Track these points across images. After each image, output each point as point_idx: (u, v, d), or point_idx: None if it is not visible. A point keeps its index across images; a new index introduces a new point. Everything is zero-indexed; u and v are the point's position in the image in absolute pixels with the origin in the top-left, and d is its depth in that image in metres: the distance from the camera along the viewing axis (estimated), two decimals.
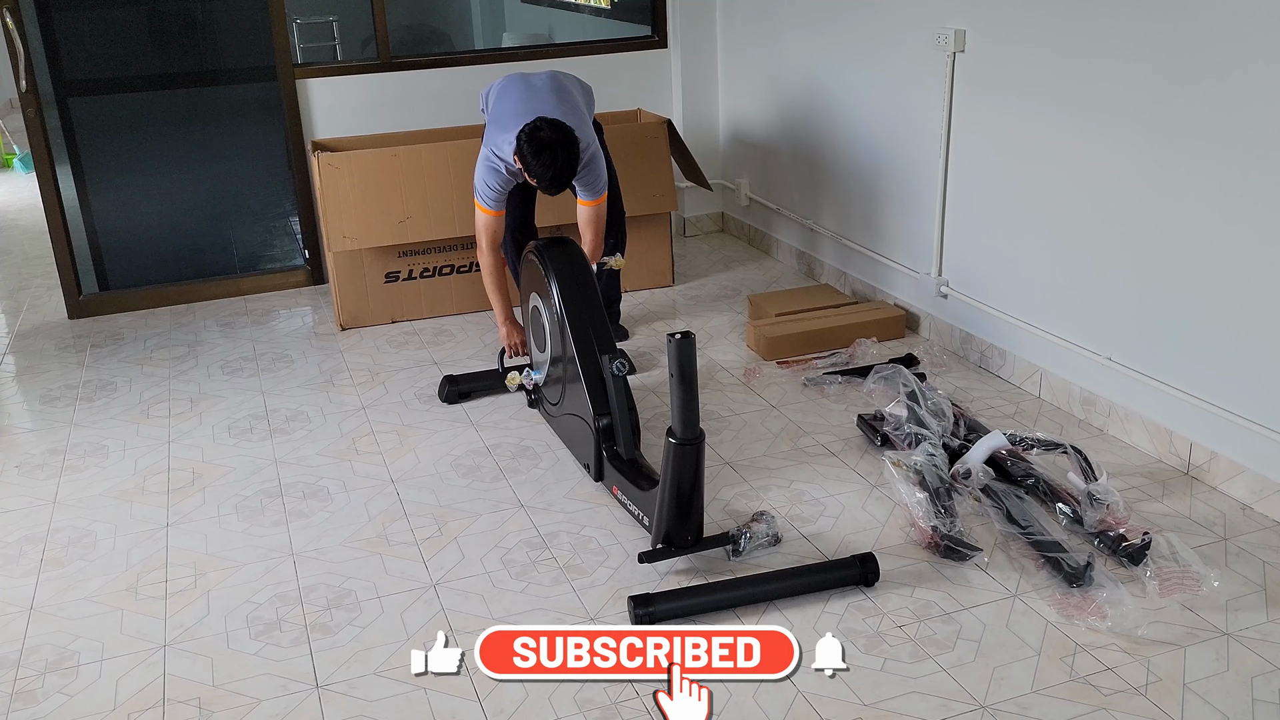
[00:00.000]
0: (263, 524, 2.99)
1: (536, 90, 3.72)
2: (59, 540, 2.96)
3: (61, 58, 4.61)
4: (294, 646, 2.46)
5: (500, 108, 3.69)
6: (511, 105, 3.65)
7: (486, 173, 3.63)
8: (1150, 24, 2.91)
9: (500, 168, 3.60)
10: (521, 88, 3.74)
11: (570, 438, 3.29)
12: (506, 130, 3.55)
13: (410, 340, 4.32)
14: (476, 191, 3.67)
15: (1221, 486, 2.93)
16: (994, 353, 3.74)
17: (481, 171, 3.64)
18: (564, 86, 3.80)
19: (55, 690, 2.35)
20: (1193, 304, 2.94)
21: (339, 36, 5.65)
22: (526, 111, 3.55)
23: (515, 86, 3.75)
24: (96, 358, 4.28)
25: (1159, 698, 2.19)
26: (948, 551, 2.66)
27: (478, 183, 3.66)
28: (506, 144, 3.54)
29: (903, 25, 3.92)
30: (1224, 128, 2.75)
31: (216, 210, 5.08)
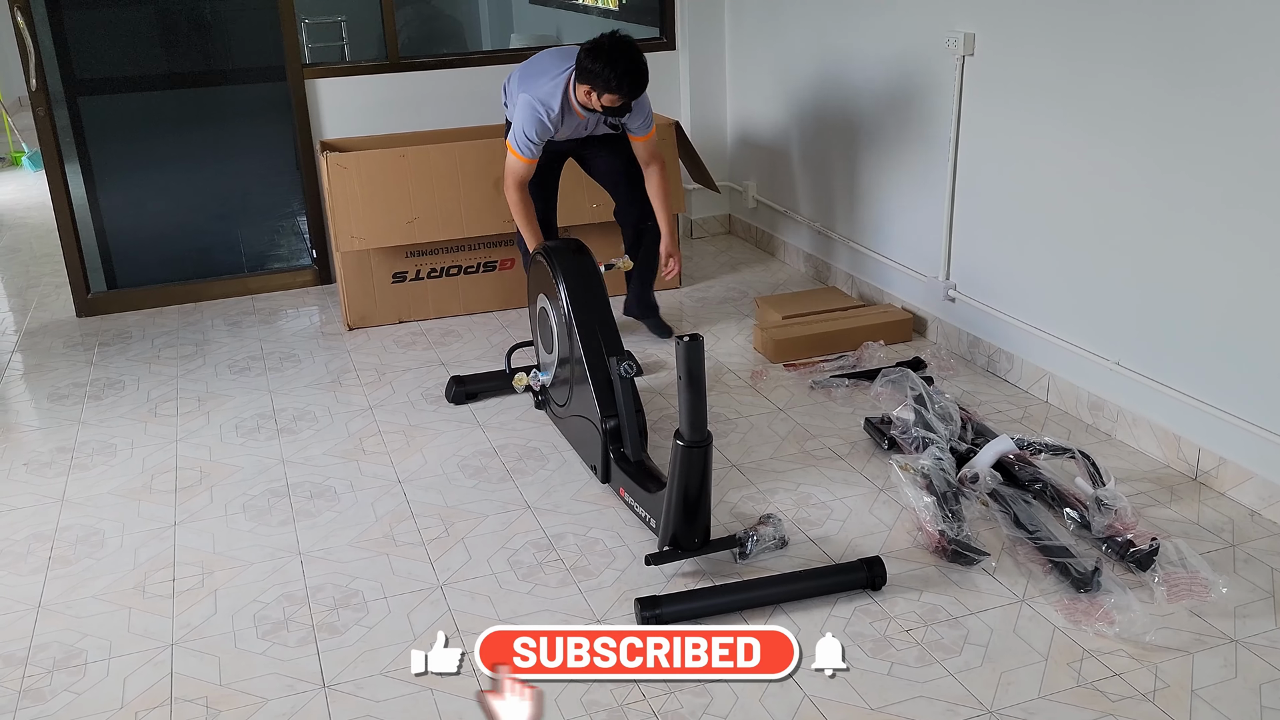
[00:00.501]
0: (270, 523, 3.00)
1: (561, 49, 3.83)
2: (67, 538, 2.96)
3: (71, 56, 4.62)
4: (301, 646, 2.47)
5: (531, 68, 3.76)
6: (542, 62, 3.74)
7: (528, 121, 3.61)
8: (1158, 29, 2.90)
9: (543, 115, 3.60)
10: (544, 53, 3.84)
11: (577, 439, 3.29)
12: (548, 73, 3.63)
13: (417, 340, 4.33)
14: (513, 138, 3.66)
15: (1230, 492, 2.92)
16: (1001, 356, 3.73)
17: (522, 119, 3.62)
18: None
19: (63, 688, 2.36)
20: (1201, 309, 2.93)
21: (348, 36, 5.66)
22: (562, 57, 3.66)
23: (535, 57, 3.83)
24: (104, 356, 4.29)
25: (1167, 704, 2.19)
26: (955, 556, 2.66)
27: (515, 130, 3.65)
28: (552, 85, 3.59)
29: (912, 28, 3.92)
30: (1232, 133, 2.74)
31: (225, 209, 5.10)
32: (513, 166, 3.70)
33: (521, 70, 3.81)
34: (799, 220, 4.94)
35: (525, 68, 3.80)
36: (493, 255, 4.55)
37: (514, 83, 3.81)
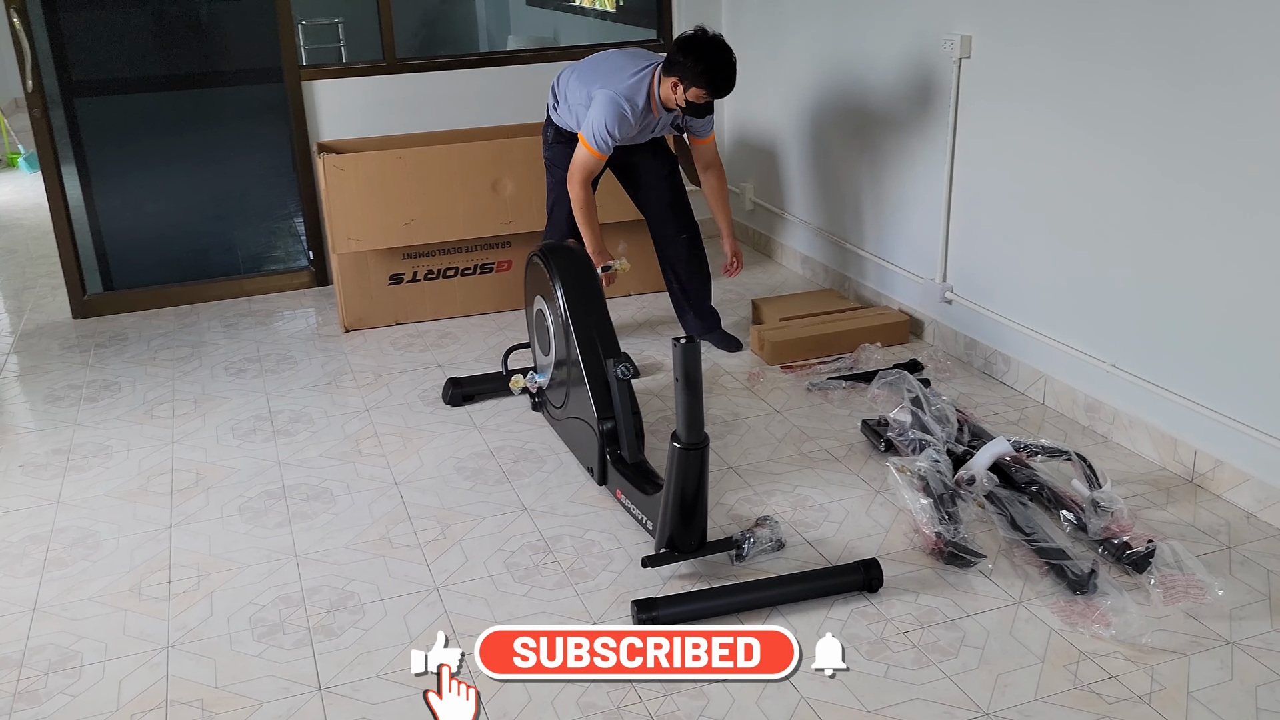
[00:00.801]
0: (266, 525, 2.99)
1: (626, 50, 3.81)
2: (62, 540, 2.96)
3: (68, 58, 4.61)
4: (297, 648, 2.46)
5: (600, 66, 3.71)
6: (612, 61, 3.70)
7: (609, 116, 3.55)
8: (1155, 31, 2.91)
9: (626, 110, 3.56)
10: (608, 53, 3.79)
11: (574, 441, 3.29)
12: (626, 70, 3.61)
13: (414, 342, 4.33)
14: (590, 132, 3.59)
15: (1226, 494, 2.92)
16: (998, 359, 3.74)
17: (604, 114, 3.55)
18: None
19: (58, 691, 2.35)
20: (1198, 311, 2.94)
21: (344, 38, 5.66)
22: (633, 57, 3.67)
23: (598, 56, 3.80)
24: (100, 358, 4.29)
25: (1163, 706, 2.19)
26: (951, 558, 2.66)
27: (595, 125, 3.58)
28: (636, 80, 3.57)
29: (909, 31, 3.92)
30: (1230, 135, 2.75)
31: (221, 211, 5.09)
32: (583, 160, 3.65)
33: (583, 69, 3.74)
34: (796, 222, 4.94)
35: (590, 67, 3.73)
36: (490, 257, 4.55)
37: (573, 82, 3.74)
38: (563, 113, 3.82)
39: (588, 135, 3.59)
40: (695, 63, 3.42)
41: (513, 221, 4.43)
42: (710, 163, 3.93)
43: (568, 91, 3.77)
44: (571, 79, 3.76)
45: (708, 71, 3.43)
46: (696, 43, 3.44)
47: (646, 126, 3.72)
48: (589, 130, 3.59)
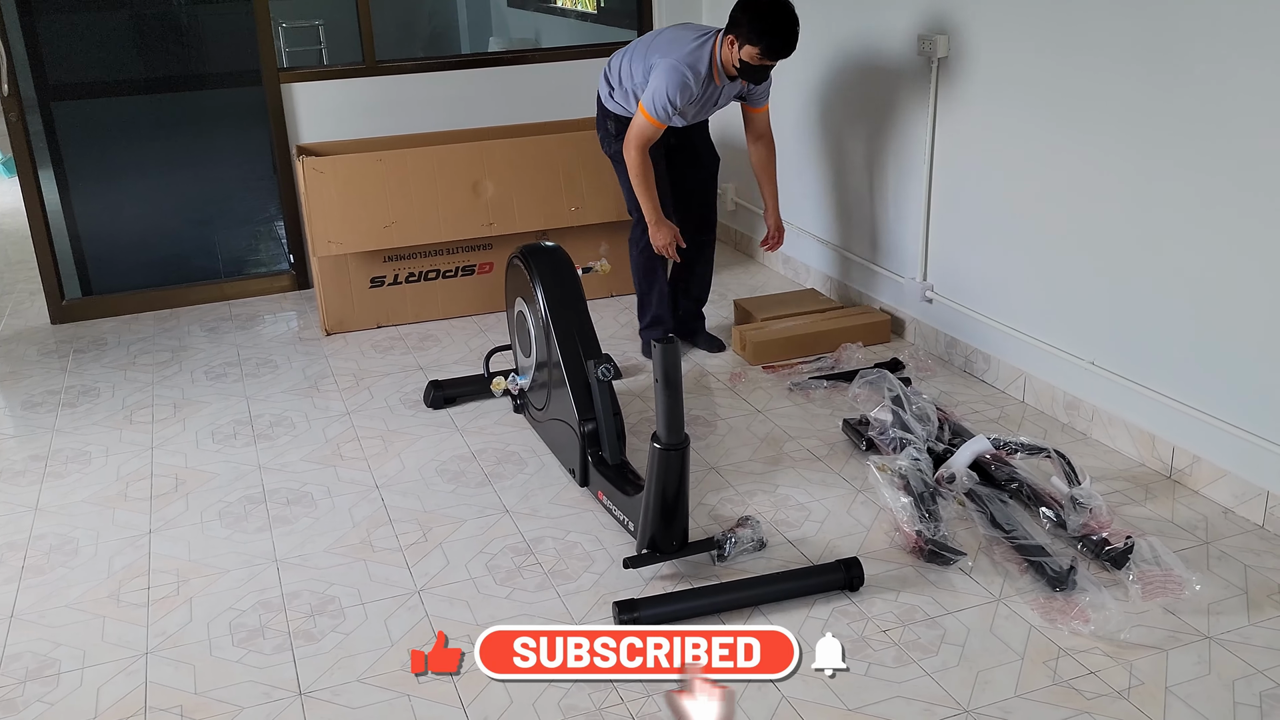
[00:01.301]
0: (246, 530, 2.98)
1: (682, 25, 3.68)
2: (40, 547, 2.94)
3: (44, 61, 4.59)
4: (277, 653, 2.45)
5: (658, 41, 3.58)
6: (670, 34, 3.59)
7: (671, 83, 3.43)
8: (1134, 30, 2.92)
9: (689, 77, 3.44)
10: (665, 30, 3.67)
11: (555, 443, 3.28)
12: (684, 42, 3.50)
13: (395, 345, 4.32)
14: (651, 100, 3.47)
15: (1204, 490, 2.94)
16: (978, 357, 3.75)
17: (665, 82, 3.43)
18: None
19: (35, 698, 2.34)
20: (1175, 309, 2.96)
21: (324, 40, 5.65)
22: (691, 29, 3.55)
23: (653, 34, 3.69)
24: (79, 363, 4.26)
25: (1141, 701, 2.20)
26: (932, 556, 2.67)
27: (656, 92, 3.46)
28: (697, 47, 3.46)
29: (887, 32, 3.94)
30: (1208, 133, 2.76)
31: (201, 215, 5.07)
32: (642, 128, 3.53)
33: (638, 48, 3.64)
34: None
35: (645, 43, 3.63)
36: (471, 259, 4.54)
37: (628, 61, 3.65)
38: (619, 97, 3.71)
39: (648, 103, 3.48)
40: (752, 20, 3.31)
41: (494, 224, 4.43)
42: (762, 133, 3.85)
43: (622, 72, 3.67)
44: (625, 59, 3.67)
45: (765, 31, 3.31)
46: (755, 3, 3.33)
47: (709, 97, 3.60)
48: (649, 98, 3.48)
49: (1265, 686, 2.23)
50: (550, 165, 4.47)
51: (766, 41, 3.32)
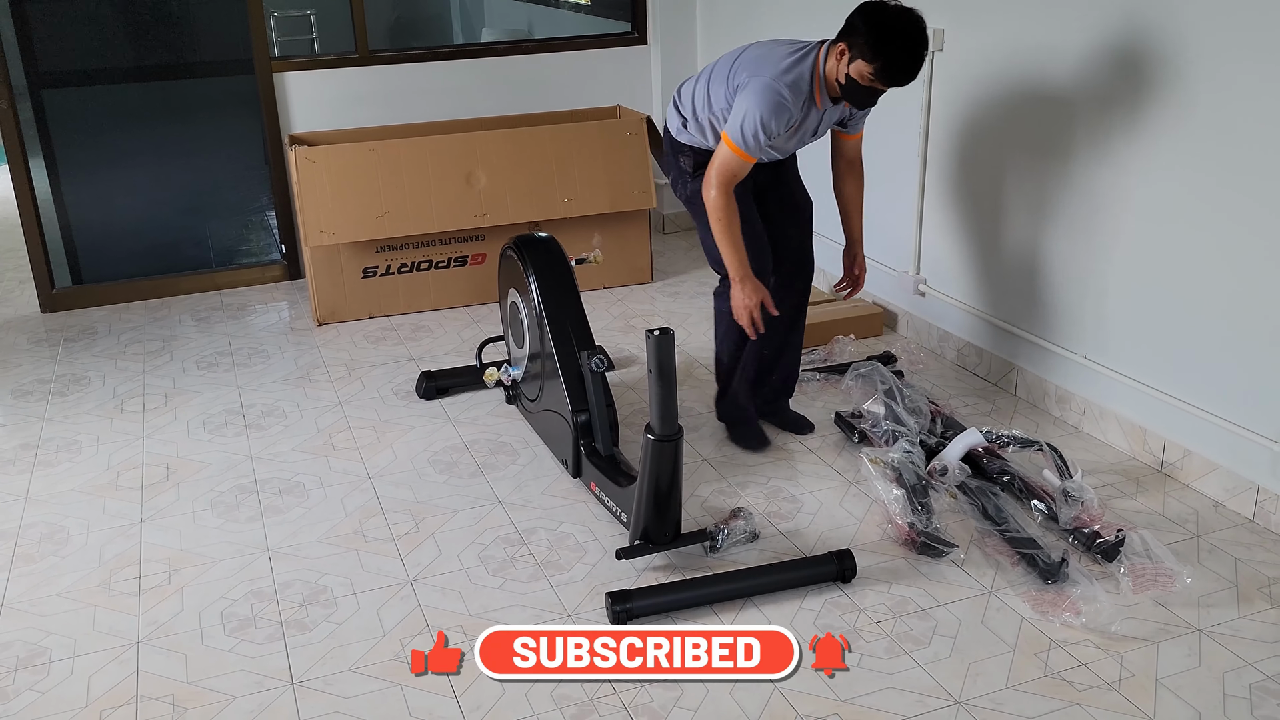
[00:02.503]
0: (238, 520, 2.97)
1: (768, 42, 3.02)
2: (31, 536, 2.93)
3: (35, 49, 4.56)
4: (269, 643, 2.45)
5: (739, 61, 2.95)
6: (755, 51, 2.96)
7: (765, 106, 2.80)
8: (1126, 24, 2.93)
9: (786, 99, 2.81)
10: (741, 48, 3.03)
11: (548, 434, 3.28)
12: (778, 55, 2.88)
13: (388, 336, 4.31)
14: (738, 128, 2.83)
15: (1194, 484, 2.95)
16: (970, 350, 3.76)
17: (756, 104, 2.80)
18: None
19: (26, 687, 2.33)
20: (1167, 302, 2.96)
21: (317, 29, 5.62)
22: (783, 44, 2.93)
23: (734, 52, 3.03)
24: (69, 352, 4.24)
25: (1132, 693, 2.21)
26: (924, 548, 2.67)
27: (745, 118, 2.82)
28: (796, 63, 2.85)
29: None
30: (1202, 124, 2.77)
31: (192, 204, 5.05)
32: (726, 162, 2.88)
33: (717, 69, 3.01)
34: None
35: (725, 63, 3.00)
36: (463, 250, 4.53)
37: (705, 85, 3.03)
38: (695, 129, 3.08)
39: (734, 132, 2.85)
40: (872, 30, 2.71)
41: (486, 214, 4.42)
42: (853, 160, 3.25)
43: (697, 99, 3.05)
44: (702, 83, 3.06)
45: (887, 48, 2.71)
46: (881, 10, 2.74)
47: (808, 124, 2.98)
48: (736, 126, 2.84)
49: (1255, 679, 2.24)
50: (543, 156, 4.46)
51: (885, 61, 2.73)
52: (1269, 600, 2.48)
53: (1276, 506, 2.73)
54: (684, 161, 3.14)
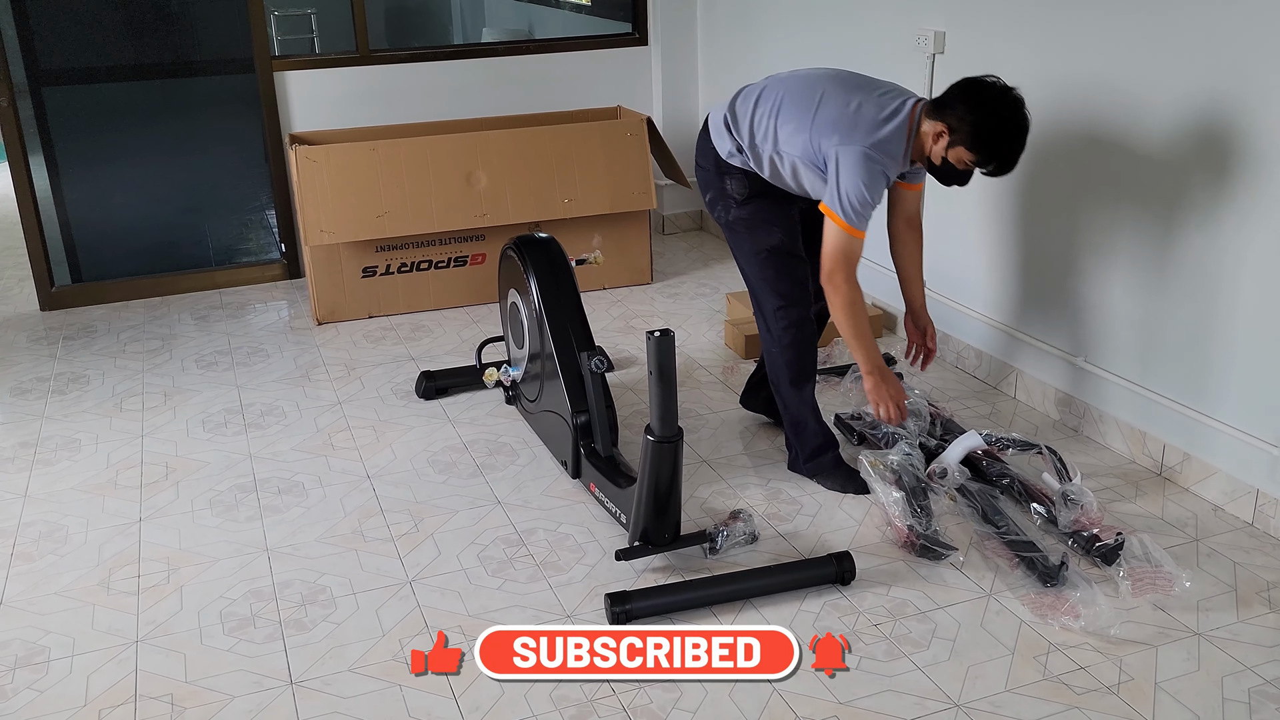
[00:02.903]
0: (237, 519, 2.97)
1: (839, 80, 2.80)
2: (30, 534, 2.92)
3: (35, 46, 4.55)
4: (268, 643, 2.45)
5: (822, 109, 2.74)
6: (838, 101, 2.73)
7: (869, 178, 2.65)
8: (1129, 26, 2.93)
9: (888, 169, 2.68)
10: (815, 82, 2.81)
11: (548, 435, 3.28)
12: (870, 114, 2.69)
13: (387, 335, 4.30)
14: (845, 205, 2.66)
15: (1194, 488, 2.96)
16: (970, 353, 3.76)
17: (858, 178, 2.64)
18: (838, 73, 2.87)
19: (25, 686, 2.33)
20: (1167, 307, 2.96)
21: (317, 28, 5.62)
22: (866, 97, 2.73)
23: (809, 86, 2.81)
24: (69, 350, 4.24)
25: (1131, 697, 2.21)
26: (923, 551, 2.68)
27: (850, 194, 2.65)
28: (891, 127, 2.68)
29: (883, 27, 3.93)
30: (1203, 131, 2.77)
31: (192, 202, 5.04)
32: (843, 246, 2.70)
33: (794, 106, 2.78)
34: None
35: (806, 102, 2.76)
36: (463, 250, 4.53)
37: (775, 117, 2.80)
38: (749, 158, 2.86)
39: (842, 209, 2.66)
40: (979, 120, 2.58)
41: (487, 214, 4.41)
42: (913, 215, 3.02)
43: (759, 131, 2.83)
44: (766, 114, 2.81)
45: (991, 141, 2.59)
46: (987, 92, 2.60)
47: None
48: (842, 202, 2.66)
49: (1254, 683, 2.24)
50: (544, 157, 4.46)
51: (989, 155, 2.62)
52: (1268, 604, 2.48)
53: (1275, 511, 2.73)
54: (731, 185, 2.93)
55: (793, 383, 3.01)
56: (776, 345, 2.97)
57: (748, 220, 2.93)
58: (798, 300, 2.94)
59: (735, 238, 3.00)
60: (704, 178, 3.03)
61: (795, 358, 2.97)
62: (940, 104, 2.66)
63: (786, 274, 2.92)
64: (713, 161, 2.97)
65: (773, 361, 3.03)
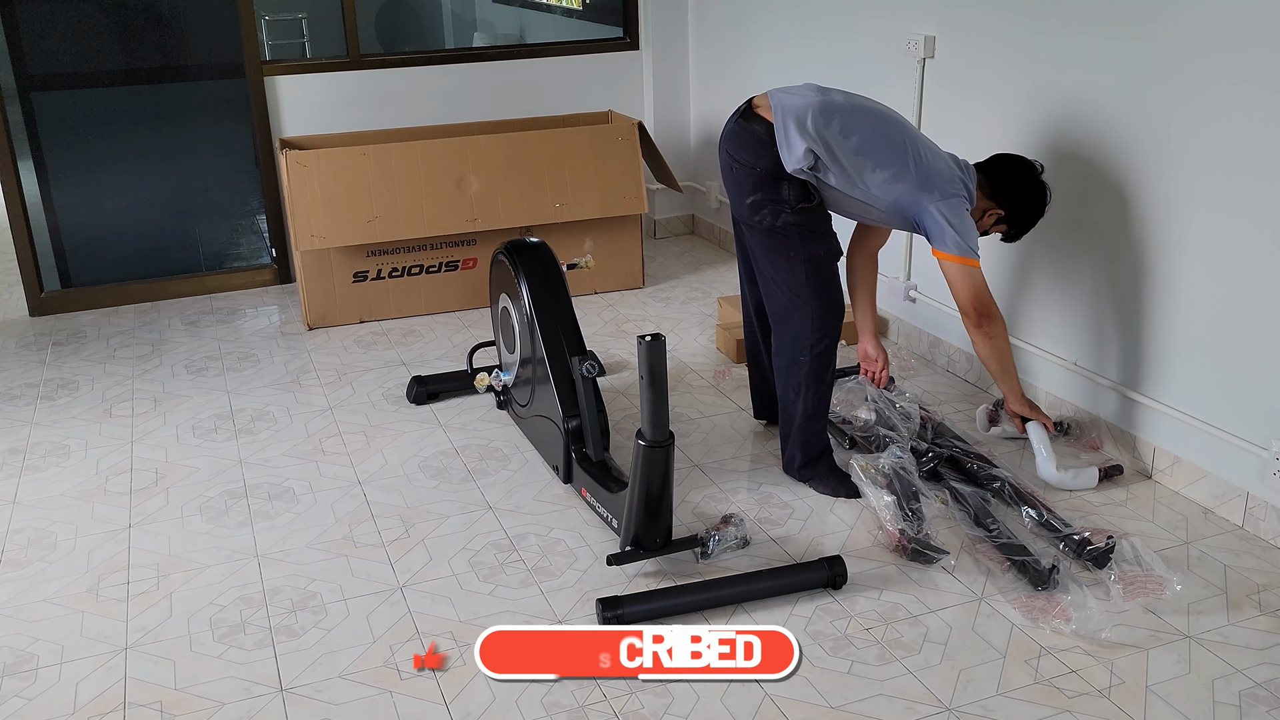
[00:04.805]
0: (227, 525, 2.96)
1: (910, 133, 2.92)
2: (18, 541, 2.91)
3: (24, 51, 4.54)
4: (258, 649, 2.44)
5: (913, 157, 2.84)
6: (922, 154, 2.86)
7: (969, 223, 2.87)
8: (1118, 30, 2.94)
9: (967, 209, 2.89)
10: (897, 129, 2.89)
11: (539, 439, 3.27)
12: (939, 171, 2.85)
13: (378, 340, 4.30)
14: (963, 246, 2.82)
15: (1184, 491, 2.96)
16: (961, 357, 3.76)
17: (961, 221, 2.83)
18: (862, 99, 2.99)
19: (13, 694, 2.31)
20: (1156, 310, 2.97)
21: (308, 33, 5.61)
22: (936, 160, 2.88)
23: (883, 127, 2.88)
24: (58, 356, 4.22)
25: (1122, 700, 2.21)
26: (915, 554, 2.68)
27: (963, 235, 2.82)
28: (959, 183, 2.87)
29: (874, 31, 3.94)
30: (1190, 133, 2.78)
31: (182, 207, 5.03)
32: (974, 279, 2.86)
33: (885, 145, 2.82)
34: None
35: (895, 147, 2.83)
36: (454, 255, 4.52)
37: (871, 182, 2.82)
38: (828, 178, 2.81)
39: (965, 249, 2.82)
40: (1024, 213, 3.00)
41: (478, 219, 4.41)
42: (876, 249, 3.26)
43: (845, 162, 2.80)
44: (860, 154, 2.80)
45: (1031, 223, 3.04)
46: (1038, 188, 2.98)
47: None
48: (962, 245, 2.81)
49: (1244, 686, 2.24)
50: (535, 161, 4.46)
51: (1019, 234, 3.07)
52: (1258, 607, 2.49)
53: (1265, 513, 2.74)
54: (787, 192, 2.83)
55: (824, 388, 3.02)
56: (808, 353, 2.95)
57: (800, 226, 2.86)
58: (840, 310, 2.98)
59: (779, 242, 2.89)
60: (749, 178, 2.87)
61: (830, 364, 3.00)
62: (1000, 189, 2.98)
63: (835, 281, 2.95)
64: (771, 165, 2.82)
65: (798, 368, 2.97)
